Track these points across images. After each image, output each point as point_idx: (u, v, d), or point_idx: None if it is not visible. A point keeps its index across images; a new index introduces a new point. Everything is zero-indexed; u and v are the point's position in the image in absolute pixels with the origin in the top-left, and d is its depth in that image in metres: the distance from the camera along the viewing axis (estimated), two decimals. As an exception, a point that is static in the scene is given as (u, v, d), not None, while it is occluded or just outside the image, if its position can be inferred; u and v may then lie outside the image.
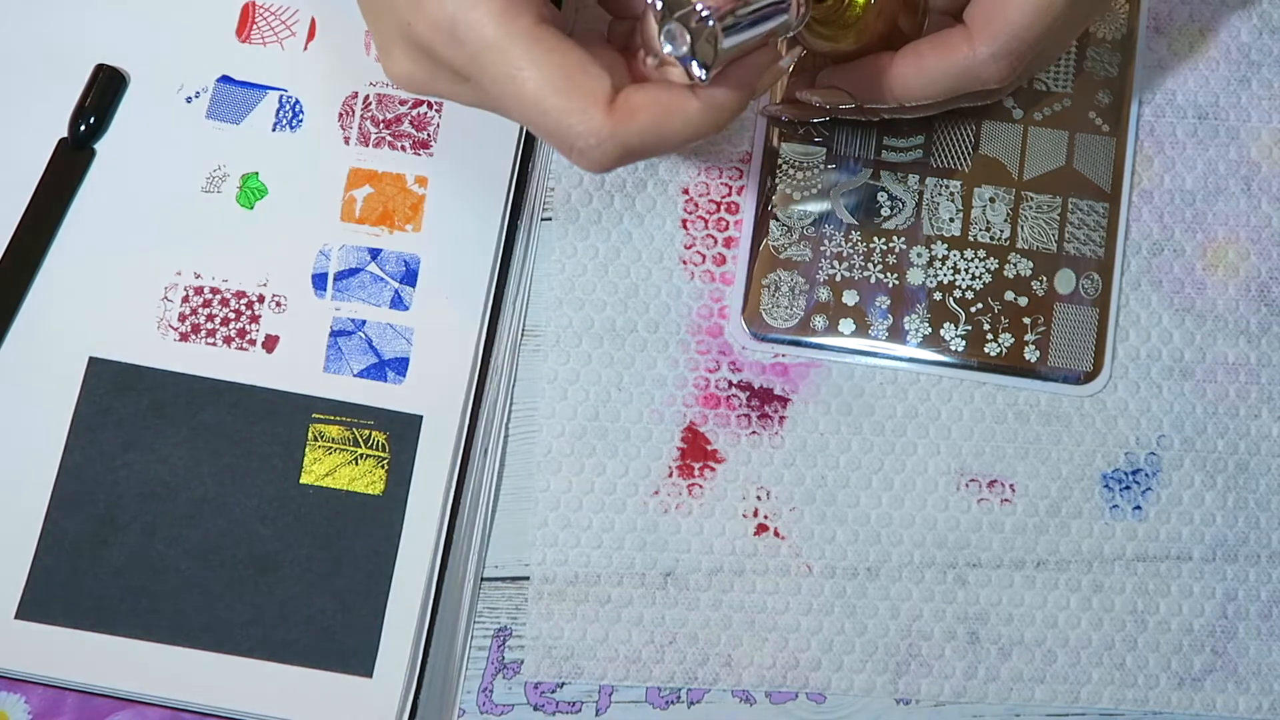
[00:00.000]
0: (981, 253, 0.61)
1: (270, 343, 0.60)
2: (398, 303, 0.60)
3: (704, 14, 0.46)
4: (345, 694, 0.57)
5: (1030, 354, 0.61)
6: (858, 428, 0.61)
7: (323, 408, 0.59)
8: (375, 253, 0.60)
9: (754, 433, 0.60)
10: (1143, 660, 0.60)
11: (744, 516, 0.60)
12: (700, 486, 0.60)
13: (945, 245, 0.61)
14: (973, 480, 0.60)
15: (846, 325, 0.61)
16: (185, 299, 0.60)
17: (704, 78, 0.47)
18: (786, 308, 0.61)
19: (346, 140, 0.62)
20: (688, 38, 0.46)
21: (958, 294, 0.61)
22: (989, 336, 0.61)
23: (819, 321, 0.61)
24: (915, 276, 0.61)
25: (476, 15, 0.46)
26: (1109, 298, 0.61)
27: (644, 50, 0.49)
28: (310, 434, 0.59)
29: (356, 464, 0.59)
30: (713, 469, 0.60)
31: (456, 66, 0.47)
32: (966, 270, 0.61)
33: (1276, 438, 0.61)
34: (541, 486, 0.60)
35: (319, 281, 0.60)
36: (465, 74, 0.47)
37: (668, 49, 0.46)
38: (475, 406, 0.60)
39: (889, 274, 0.61)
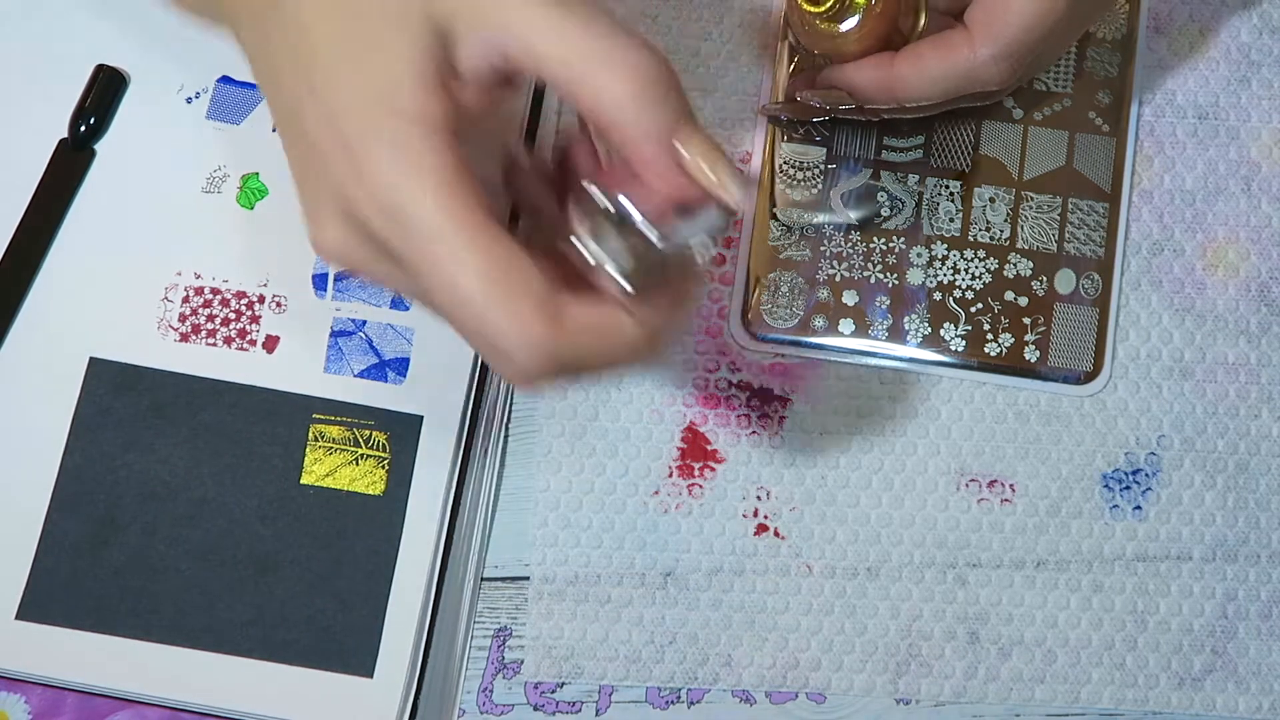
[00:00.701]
0: (981, 253, 0.61)
1: (271, 343, 0.60)
2: (398, 303, 0.60)
3: (624, 213, 0.44)
4: (346, 694, 0.57)
5: (1030, 354, 0.61)
6: (858, 428, 0.61)
7: (323, 408, 0.59)
8: (375, 253, 0.60)
9: (754, 433, 0.60)
10: (1143, 660, 0.60)
11: (744, 516, 0.60)
12: (700, 486, 0.60)
13: (945, 245, 0.61)
14: (973, 480, 0.60)
15: (846, 325, 0.61)
16: (185, 299, 0.60)
17: (629, 290, 0.44)
18: (786, 308, 0.61)
19: (347, 140, 0.61)
20: (611, 243, 0.44)
21: (958, 294, 0.61)
22: (989, 336, 0.61)
23: (819, 321, 0.61)
24: (915, 276, 0.61)
25: (423, 199, 0.42)
26: (1109, 298, 0.61)
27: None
28: (311, 434, 0.59)
29: (357, 464, 0.59)
30: (713, 469, 0.60)
31: (392, 247, 0.43)
32: (966, 270, 0.61)
33: (1276, 438, 0.61)
34: (541, 486, 0.60)
35: (319, 282, 0.60)
36: (400, 257, 0.43)
37: (586, 254, 0.44)
38: (475, 406, 0.60)
39: (889, 274, 0.61)
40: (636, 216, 0.44)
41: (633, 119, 0.43)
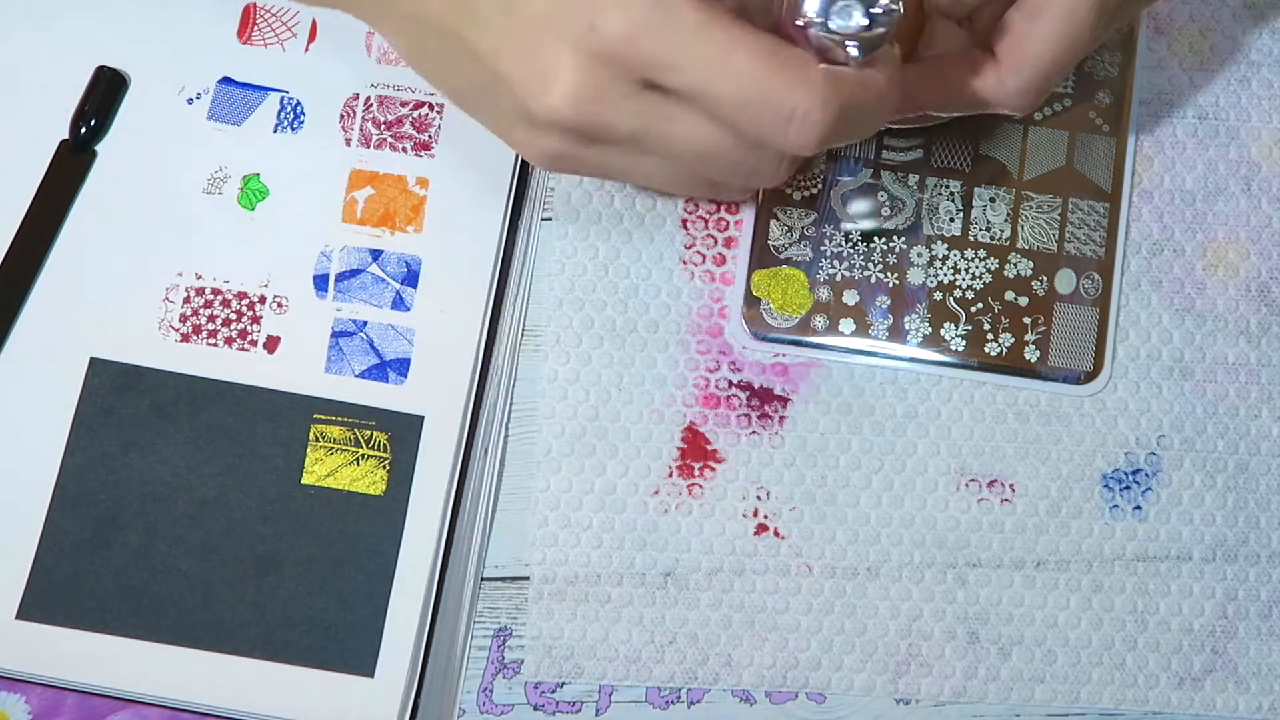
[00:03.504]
0: (982, 253, 0.61)
1: (272, 343, 0.60)
2: (399, 304, 0.60)
3: None
4: (347, 694, 0.57)
5: (1030, 354, 0.61)
6: (858, 428, 0.61)
7: (324, 408, 0.59)
8: (376, 254, 0.61)
9: (754, 433, 0.60)
10: (1143, 660, 0.60)
11: (744, 516, 0.60)
12: (700, 486, 0.60)
13: (945, 245, 0.61)
14: (973, 480, 0.60)
15: (847, 325, 0.61)
16: (186, 299, 0.60)
17: (859, 55, 0.47)
18: (786, 308, 0.61)
19: (348, 142, 0.62)
20: (843, 21, 0.47)
21: (958, 294, 0.61)
22: (989, 336, 0.61)
23: (819, 321, 0.61)
24: (915, 276, 0.61)
25: (685, 10, 0.45)
26: (1109, 298, 0.61)
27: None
28: (311, 434, 0.59)
29: (358, 464, 0.59)
30: (713, 469, 0.60)
31: (656, 60, 0.46)
32: (967, 270, 0.61)
33: (1276, 438, 0.61)
34: (541, 486, 0.60)
35: (320, 283, 0.60)
36: (668, 67, 0.46)
37: (837, 23, 0.47)
38: (476, 407, 0.60)
39: (889, 274, 0.61)
40: None
41: None
